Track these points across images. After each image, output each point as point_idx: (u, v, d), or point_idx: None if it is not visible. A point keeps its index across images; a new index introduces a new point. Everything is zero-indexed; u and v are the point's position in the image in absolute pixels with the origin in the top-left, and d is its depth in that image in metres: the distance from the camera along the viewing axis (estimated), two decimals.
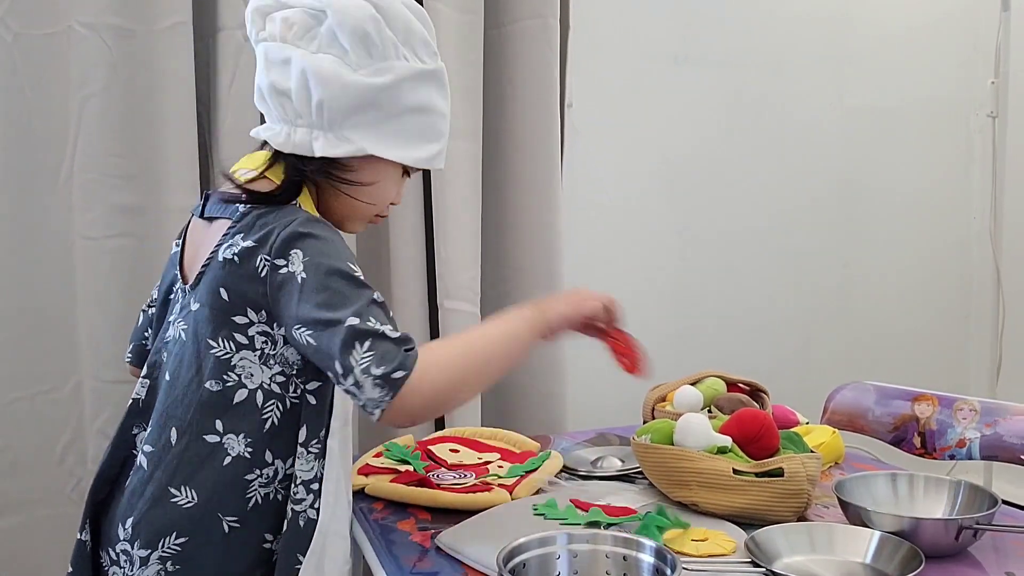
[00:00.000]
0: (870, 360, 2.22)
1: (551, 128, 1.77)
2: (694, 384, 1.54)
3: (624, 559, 0.98)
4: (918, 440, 1.38)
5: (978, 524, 1.06)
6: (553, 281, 1.78)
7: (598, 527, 1.12)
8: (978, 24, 2.31)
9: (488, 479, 1.33)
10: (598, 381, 1.99)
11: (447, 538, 1.12)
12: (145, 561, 0.97)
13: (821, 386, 1.56)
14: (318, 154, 1.00)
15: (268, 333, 0.98)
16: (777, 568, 0.99)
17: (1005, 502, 1.13)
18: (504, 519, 1.18)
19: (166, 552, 0.97)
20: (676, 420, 1.28)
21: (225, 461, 0.98)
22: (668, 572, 0.93)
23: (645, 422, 1.50)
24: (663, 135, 2.04)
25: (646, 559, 0.97)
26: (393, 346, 0.90)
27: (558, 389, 1.80)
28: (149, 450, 1.00)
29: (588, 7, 1.90)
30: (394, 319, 0.95)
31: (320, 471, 1.01)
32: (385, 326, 0.91)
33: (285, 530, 1.00)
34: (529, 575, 0.97)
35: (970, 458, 1.32)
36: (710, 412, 1.48)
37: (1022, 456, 1.26)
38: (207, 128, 1.59)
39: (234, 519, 0.99)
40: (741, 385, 1.58)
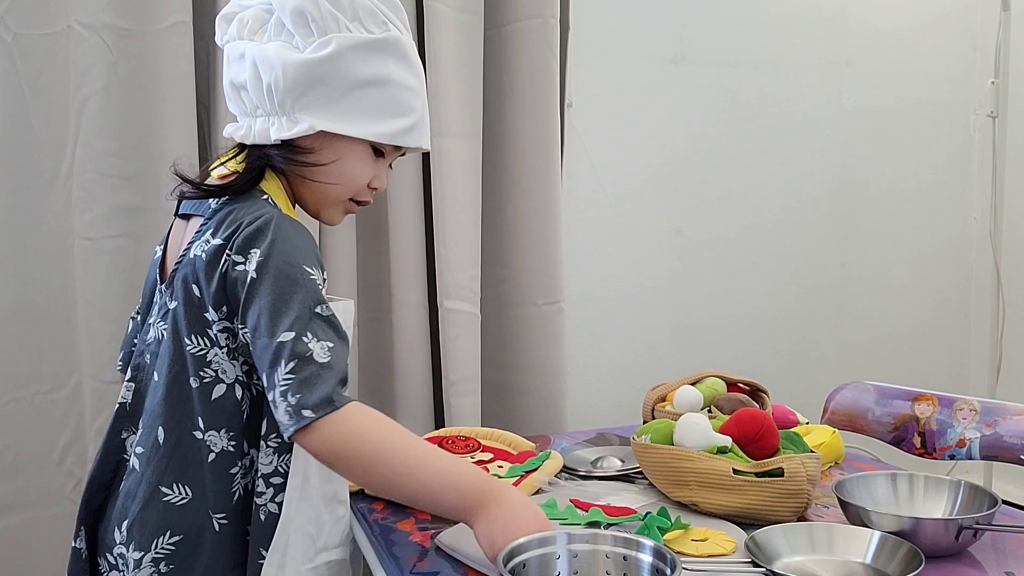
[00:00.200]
0: (870, 360, 2.22)
1: (551, 128, 1.77)
2: (694, 384, 1.54)
3: (624, 559, 0.98)
4: (918, 440, 1.38)
5: (978, 524, 1.06)
6: (553, 281, 1.78)
7: (598, 527, 1.12)
8: (978, 24, 2.31)
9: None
10: (598, 381, 2.00)
11: (447, 538, 1.12)
12: (139, 563, 0.97)
13: (821, 386, 1.56)
14: (273, 138, 1.00)
15: (229, 328, 0.97)
16: (777, 568, 0.99)
17: (1005, 502, 1.13)
18: None
19: (159, 553, 0.97)
20: (676, 420, 1.28)
21: (210, 458, 0.98)
22: (668, 572, 0.93)
23: (645, 422, 1.50)
24: (662, 135, 2.04)
25: (646, 559, 0.97)
26: (318, 374, 0.88)
27: (558, 389, 1.80)
28: (141, 451, 1.00)
29: (587, 7, 1.90)
30: (342, 332, 0.93)
31: (280, 465, 0.99)
32: (320, 343, 0.90)
33: (251, 523, 0.99)
34: (529, 575, 0.97)
35: (970, 458, 1.32)
36: (710, 412, 1.48)
37: (1022, 456, 1.26)
38: (207, 128, 1.59)
39: (222, 516, 0.99)
40: (741, 385, 1.58)
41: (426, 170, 1.69)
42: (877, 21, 2.22)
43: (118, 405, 1.05)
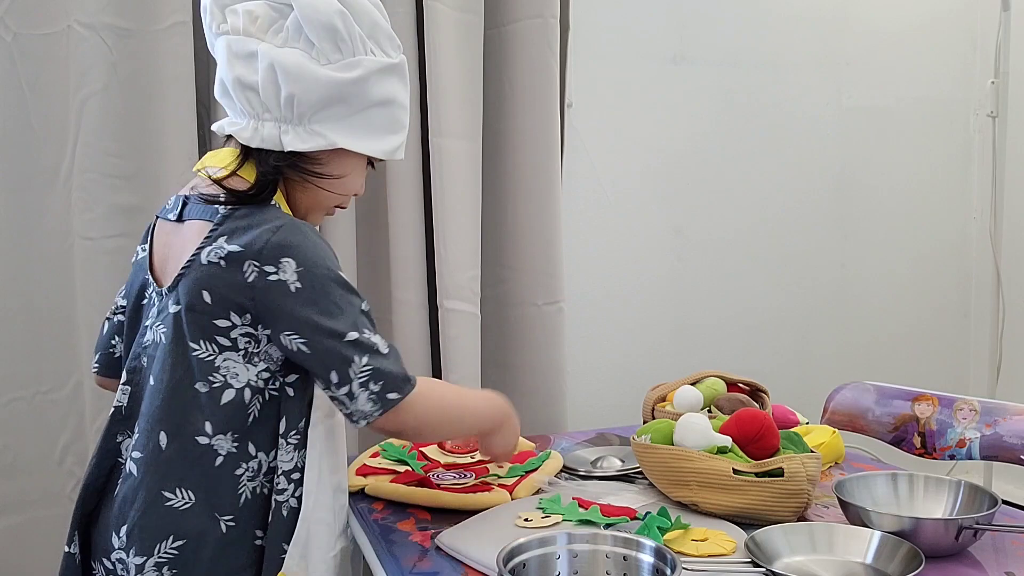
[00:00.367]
0: (869, 360, 2.22)
1: (551, 128, 1.77)
2: (694, 384, 1.54)
3: (624, 559, 0.98)
4: (918, 440, 1.38)
5: (978, 524, 1.06)
6: (553, 281, 1.78)
7: (596, 527, 1.13)
8: (978, 24, 2.30)
9: (488, 479, 1.33)
10: (598, 381, 2.00)
11: (447, 538, 1.12)
12: (141, 568, 0.96)
13: (821, 386, 1.56)
14: (287, 148, 1.00)
15: (252, 334, 0.98)
16: (777, 568, 0.99)
17: (1005, 502, 1.13)
18: (504, 519, 1.18)
19: (162, 557, 0.97)
20: (676, 420, 1.28)
21: (217, 461, 0.98)
22: (668, 572, 0.93)
23: (645, 422, 1.50)
24: (662, 135, 2.04)
25: (646, 559, 0.97)
26: (389, 364, 0.99)
27: (558, 389, 1.80)
28: (138, 456, 0.99)
29: (587, 7, 1.90)
30: (376, 325, 1.01)
31: (300, 461, 1.01)
32: (377, 337, 0.99)
33: (270, 521, 1.00)
34: (529, 575, 0.97)
35: (970, 458, 1.32)
36: (710, 412, 1.48)
37: (1022, 456, 1.26)
38: (207, 128, 1.59)
39: (230, 518, 0.99)
40: (741, 385, 1.58)
41: (426, 170, 1.69)
42: (877, 21, 2.22)
43: (113, 409, 1.05)
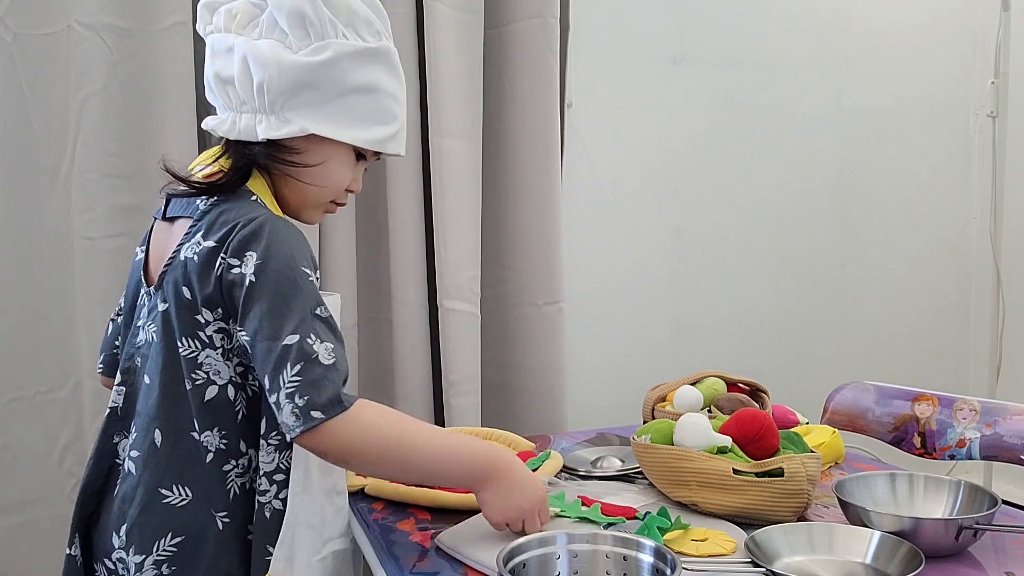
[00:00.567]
0: (869, 360, 2.22)
1: (551, 128, 1.77)
2: (694, 384, 1.54)
3: (624, 559, 0.98)
4: (918, 440, 1.38)
5: (978, 524, 1.06)
6: (553, 281, 1.78)
7: (596, 526, 1.13)
8: (978, 24, 2.30)
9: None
10: (598, 381, 2.00)
11: (447, 538, 1.12)
12: (140, 566, 0.96)
13: (821, 386, 1.56)
14: (261, 136, 1.00)
15: (225, 329, 0.98)
16: (777, 568, 0.99)
17: (1005, 502, 1.13)
18: None
19: (161, 555, 0.96)
20: (676, 420, 1.28)
21: (207, 458, 0.99)
22: (668, 572, 0.93)
23: (645, 422, 1.50)
24: (662, 135, 2.04)
25: (646, 559, 0.97)
26: (324, 375, 0.90)
27: (558, 389, 1.80)
28: (136, 455, 1.00)
29: (587, 7, 1.90)
30: (338, 333, 0.96)
31: (281, 462, 1.00)
32: (323, 344, 0.91)
33: (255, 521, 1.00)
34: (529, 575, 0.97)
35: (970, 458, 1.32)
36: (710, 412, 1.48)
37: (1022, 456, 1.26)
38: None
39: (224, 514, 0.99)
40: (741, 385, 1.57)
41: (426, 170, 1.69)
42: (877, 21, 2.22)
43: (109, 409, 1.05)
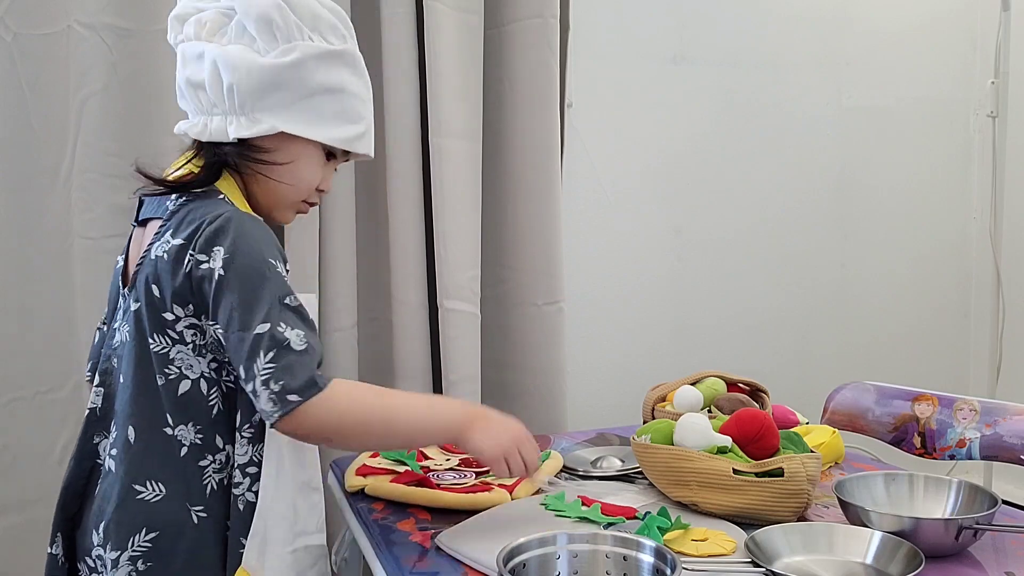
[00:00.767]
0: (869, 360, 2.22)
1: (551, 128, 1.77)
2: (694, 384, 1.54)
3: (624, 559, 0.98)
4: (918, 440, 1.38)
5: (978, 524, 1.06)
6: (553, 281, 1.78)
7: (596, 526, 1.13)
8: (978, 24, 2.30)
9: (488, 479, 1.33)
10: (598, 381, 2.00)
11: (447, 538, 1.12)
12: (116, 562, 0.97)
13: (821, 386, 1.56)
14: (232, 136, 1.03)
15: (196, 325, 0.99)
16: (777, 568, 0.99)
17: (1005, 502, 1.13)
18: (504, 519, 1.18)
19: (136, 551, 0.97)
20: (676, 420, 1.28)
21: (182, 452, 1.00)
22: (668, 572, 0.93)
23: (645, 422, 1.50)
24: (662, 135, 2.04)
25: (646, 559, 0.97)
26: (298, 360, 0.93)
27: (558, 389, 1.80)
28: (115, 453, 1.01)
29: (587, 7, 1.90)
30: (309, 321, 0.97)
31: (255, 455, 1.01)
32: (294, 331, 0.94)
33: (230, 515, 1.01)
34: (529, 575, 0.97)
35: (970, 458, 1.32)
36: (710, 412, 1.48)
37: (1022, 456, 1.26)
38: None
39: (200, 509, 1.00)
40: (741, 385, 1.58)
41: (426, 170, 1.69)
42: (877, 21, 2.22)
43: (88, 411, 1.06)
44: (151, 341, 0.99)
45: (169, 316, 0.99)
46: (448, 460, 1.42)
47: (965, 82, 2.32)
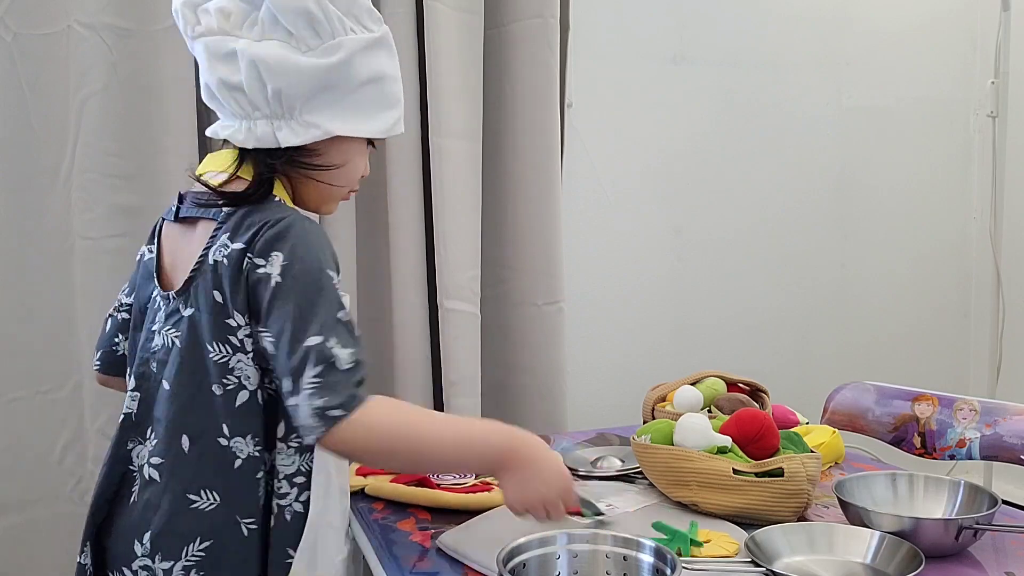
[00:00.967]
0: (870, 360, 2.22)
1: (551, 128, 1.77)
2: (694, 384, 1.54)
3: (624, 559, 0.98)
4: (918, 440, 1.38)
5: (978, 524, 1.06)
6: (553, 281, 1.78)
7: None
8: (978, 24, 2.30)
9: (488, 479, 1.33)
10: (598, 381, 2.00)
11: (447, 539, 1.12)
12: (169, 573, 0.95)
13: (821, 386, 1.56)
14: (283, 144, 0.97)
15: (252, 333, 0.96)
16: (777, 568, 0.99)
17: (1005, 502, 1.13)
18: (504, 519, 1.18)
19: (190, 560, 0.95)
20: (676, 420, 1.28)
21: (236, 464, 0.97)
22: (668, 572, 0.93)
23: (645, 422, 1.50)
24: (662, 135, 2.04)
25: (646, 559, 0.97)
26: (343, 379, 0.90)
27: (558, 389, 1.80)
28: (158, 462, 0.98)
29: (587, 7, 1.90)
30: (357, 337, 0.94)
31: (302, 465, 0.99)
32: (345, 351, 0.90)
33: (273, 525, 0.98)
34: (529, 575, 0.97)
35: (970, 458, 1.32)
36: (710, 412, 1.48)
37: (1022, 456, 1.26)
38: (207, 128, 1.58)
39: (251, 521, 0.97)
40: (741, 385, 1.58)
41: (426, 170, 1.69)
42: (877, 21, 2.22)
43: (123, 416, 1.02)
44: (210, 349, 0.95)
45: (232, 323, 0.95)
46: None
47: (965, 82, 2.32)
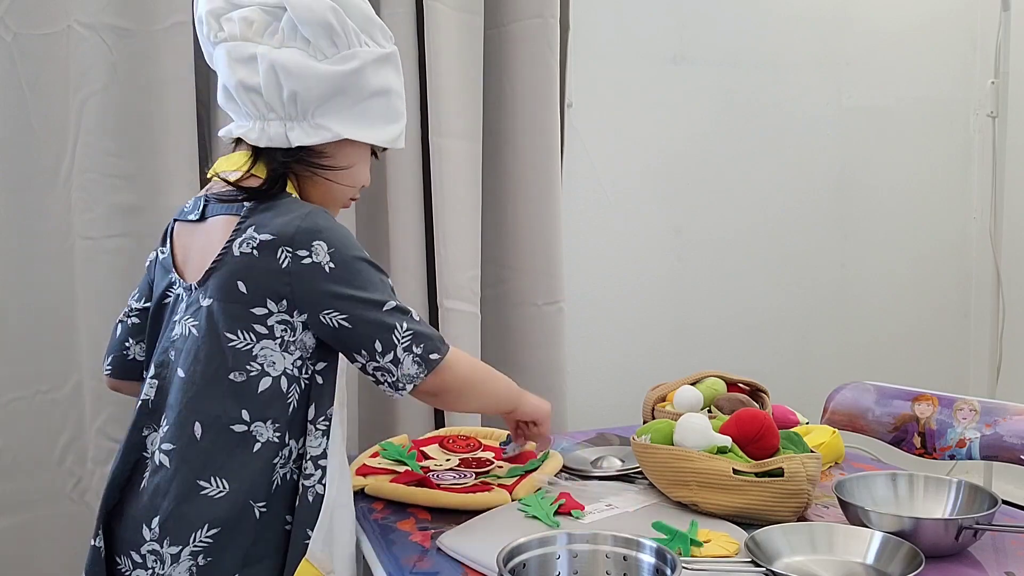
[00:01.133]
0: (870, 360, 2.22)
1: (551, 128, 1.77)
2: (694, 384, 1.54)
3: (624, 559, 0.98)
4: (918, 440, 1.38)
5: (978, 524, 1.06)
6: (553, 281, 1.78)
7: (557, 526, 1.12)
8: (978, 24, 2.30)
9: (488, 479, 1.33)
10: (598, 381, 2.00)
11: (447, 539, 1.12)
12: (176, 557, 0.98)
13: (821, 386, 1.56)
14: (294, 144, 1.04)
15: (288, 321, 1.01)
16: (777, 568, 0.99)
17: (1005, 502, 1.13)
18: (504, 519, 1.18)
19: (197, 546, 0.98)
20: (676, 420, 1.28)
21: (255, 448, 1.01)
22: (668, 572, 0.93)
23: (645, 422, 1.50)
24: (662, 135, 2.04)
25: (646, 559, 0.97)
26: (426, 328, 1.04)
27: (558, 389, 1.80)
28: (169, 448, 1.01)
29: (587, 7, 1.90)
30: None
31: (327, 447, 1.03)
32: (410, 308, 1.04)
33: (297, 507, 1.02)
34: (529, 575, 0.97)
35: (970, 458, 1.32)
36: (710, 412, 1.48)
37: (1022, 456, 1.26)
38: (207, 128, 1.59)
39: (263, 504, 1.01)
40: (741, 385, 1.58)
41: (426, 170, 1.69)
42: (877, 21, 2.22)
43: (140, 402, 1.06)
44: (230, 337, 1.00)
45: (260, 311, 1.00)
46: (448, 460, 1.43)
47: (965, 82, 2.32)
